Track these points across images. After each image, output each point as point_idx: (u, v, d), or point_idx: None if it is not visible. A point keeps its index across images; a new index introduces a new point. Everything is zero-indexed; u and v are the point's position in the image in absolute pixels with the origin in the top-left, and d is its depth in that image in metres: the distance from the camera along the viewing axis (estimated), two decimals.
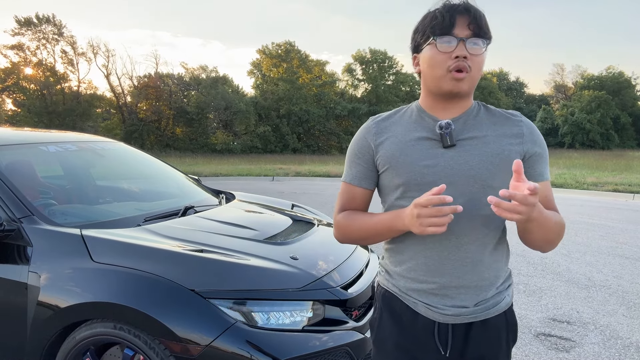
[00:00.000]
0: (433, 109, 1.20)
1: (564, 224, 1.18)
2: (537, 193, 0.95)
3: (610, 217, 7.88)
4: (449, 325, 1.18)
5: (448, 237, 1.15)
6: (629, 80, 48.09)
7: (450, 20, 1.11)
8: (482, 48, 1.12)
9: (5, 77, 32.95)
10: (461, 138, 1.16)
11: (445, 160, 1.15)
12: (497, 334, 1.21)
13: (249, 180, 15.03)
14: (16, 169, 2.50)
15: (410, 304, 1.21)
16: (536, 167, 1.19)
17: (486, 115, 1.21)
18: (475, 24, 1.11)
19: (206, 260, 1.96)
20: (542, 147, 1.20)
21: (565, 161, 22.42)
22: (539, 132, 1.22)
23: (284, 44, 42.11)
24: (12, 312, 2.01)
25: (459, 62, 1.10)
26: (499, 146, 1.16)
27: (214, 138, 36.94)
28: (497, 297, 1.21)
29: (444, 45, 1.11)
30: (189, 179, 3.55)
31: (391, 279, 1.26)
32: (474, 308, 1.18)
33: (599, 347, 3.09)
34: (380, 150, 1.22)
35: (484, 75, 42.14)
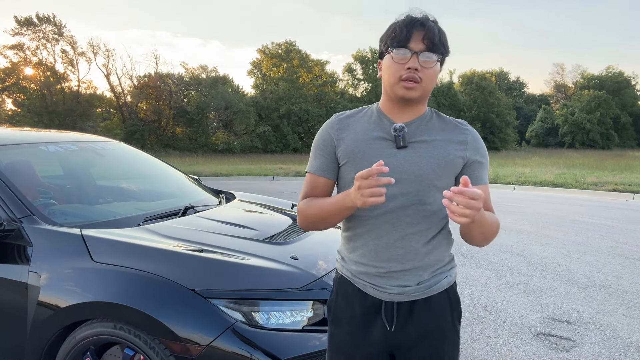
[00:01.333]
0: (390, 112, 1.33)
1: (499, 222, 1.30)
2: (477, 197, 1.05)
3: (610, 216, 7.88)
4: (394, 303, 1.31)
5: (395, 228, 1.28)
6: (628, 80, 48.08)
7: (406, 35, 1.23)
8: (434, 62, 1.24)
9: (5, 77, 32.92)
10: (413, 141, 1.29)
11: (398, 159, 1.28)
12: (440, 309, 1.34)
13: (249, 180, 15.04)
14: (16, 169, 2.50)
15: (360, 286, 1.35)
16: (476, 172, 1.32)
17: (437, 121, 1.34)
18: (428, 39, 1.23)
19: (206, 260, 1.96)
20: (482, 155, 1.34)
21: (565, 161, 22.42)
22: (482, 142, 1.37)
23: (284, 44, 42.09)
24: (12, 312, 2.01)
25: (410, 73, 1.23)
26: (445, 151, 1.29)
27: (214, 138, 36.92)
28: (437, 277, 1.34)
29: (399, 56, 1.24)
30: (189, 178, 3.55)
31: (345, 264, 1.39)
32: (416, 287, 1.31)
33: (599, 346, 3.09)
34: (341, 144, 1.34)
35: (482, 74, 41.77)
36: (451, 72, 48.76)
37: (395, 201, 1.27)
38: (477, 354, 2.99)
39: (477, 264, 4.97)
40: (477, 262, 5.06)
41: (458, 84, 47.66)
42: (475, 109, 45.06)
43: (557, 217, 7.79)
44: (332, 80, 43.06)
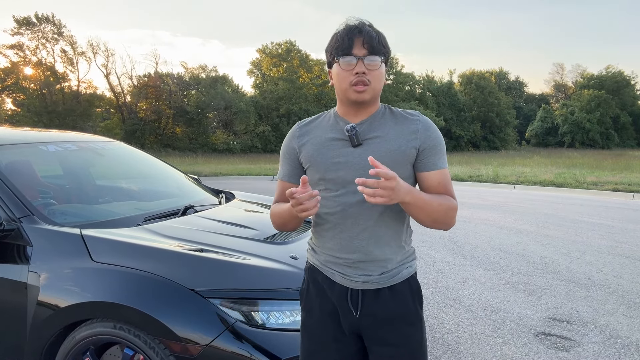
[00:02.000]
0: (346, 115, 1.42)
1: (452, 205, 1.37)
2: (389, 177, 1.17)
3: (610, 216, 7.88)
4: (359, 291, 1.40)
5: (357, 221, 1.37)
6: (628, 80, 48.08)
7: (348, 42, 1.32)
8: (378, 63, 1.33)
9: (5, 77, 32.90)
10: (367, 137, 1.38)
11: (354, 157, 1.37)
12: (403, 297, 1.42)
13: (248, 179, 15.04)
14: (16, 169, 2.49)
15: (328, 274, 1.44)
16: (430, 158, 1.39)
17: (390, 116, 1.42)
18: (368, 44, 1.31)
19: (206, 260, 1.96)
20: (435, 141, 1.39)
21: (565, 160, 22.43)
22: (435, 128, 1.42)
23: (284, 43, 42.08)
24: (12, 311, 2.01)
25: (359, 77, 1.31)
26: (398, 142, 1.37)
27: (214, 138, 36.91)
28: (399, 268, 1.42)
29: (345, 63, 1.32)
30: (188, 178, 3.55)
31: (315, 255, 1.49)
32: (379, 277, 1.39)
33: (598, 346, 3.09)
34: (302, 150, 1.45)
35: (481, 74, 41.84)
36: (451, 72, 48.83)
37: (355, 196, 1.35)
38: (477, 353, 2.99)
39: (476, 264, 4.97)
40: (476, 261, 5.06)
41: (458, 83, 47.67)
42: (475, 109, 45.06)
43: (557, 217, 7.79)
44: None
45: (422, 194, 1.31)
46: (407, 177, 1.38)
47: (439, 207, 1.33)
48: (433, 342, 3.15)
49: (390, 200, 1.20)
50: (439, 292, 4.11)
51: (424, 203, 1.30)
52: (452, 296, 4.02)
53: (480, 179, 14.26)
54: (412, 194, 1.27)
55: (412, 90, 44.24)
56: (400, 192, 1.22)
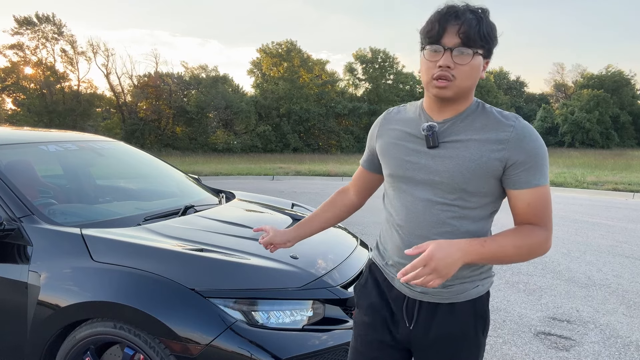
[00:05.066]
0: (430, 109, 1.26)
1: (535, 242, 1.19)
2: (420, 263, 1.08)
3: (610, 216, 7.88)
4: (417, 301, 1.29)
5: (423, 226, 1.25)
6: (627, 79, 48.06)
7: (439, 30, 1.14)
8: (469, 57, 1.14)
9: (5, 77, 32.91)
10: (446, 140, 1.21)
11: (427, 159, 1.23)
12: (464, 319, 1.28)
13: (249, 179, 15.03)
14: (16, 169, 2.49)
15: (388, 277, 1.36)
16: (521, 175, 1.18)
17: (480, 118, 1.21)
18: (464, 33, 1.12)
19: (206, 260, 1.96)
20: (529, 154, 1.17)
21: (565, 160, 22.42)
22: (535, 137, 1.18)
23: (284, 43, 42.06)
24: (12, 311, 2.01)
25: (442, 71, 1.14)
26: (479, 151, 1.18)
27: (214, 137, 36.91)
28: (466, 284, 1.28)
29: (431, 53, 1.16)
30: (189, 178, 3.55)
31: (379, 254, 1.42)
32: (440, 289, 1.26)
33: (598, 346, 3.09)
34: (379, 140, 1.38)
35: None
36: None
37: (422, 200, 1.25)
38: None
39: None
40: None
41: None
42: None
43: (557, 217, 7.78)
44: (333, 79, 43.04)
45: (488, 246, 1.14)
46: (487, 192, 1.21)
47: (516, 251, 1.16)
48: None
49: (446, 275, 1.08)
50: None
51: (493, 255, 1.14)
52: None
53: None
54: (470, 254, 1.11)
55: (412, 90, 44.22)
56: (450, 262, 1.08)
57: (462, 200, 1.21)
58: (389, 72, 43.73)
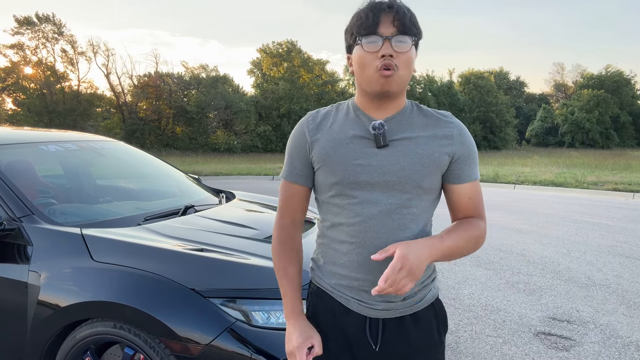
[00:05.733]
0: (367, 108, 1.21)
1: (480, 233, 1.20)
2: (398, 269, 1.02)
3: (610, 216, 7.88)
4: (380, 320, 1.21)
5: (379, 235, 1.16)
6: (627, 79, 48.06)
7: (374, 19, 1.11)
8: (408, 45, 1.12)
9: (5, 77, 32.92)
10: (394, 138, 1.17)
11: (378, 160, 1.16)
12: (428, 325, 1.25)
13: (249, 179, 15.04)
14: (16, 169, 2.50)
15: (342, 300, 1.23)
16: (464, 168, 1.21)
17: (419, 115, 1.22)
18: (399, 21, 1.10)
19: (206, 260, 1.96)
20: (469, 149, 1.22)
21: (565, 160, 22.42)
22: (469, 134, 1.24)
23: (285, 43, 42.06)
24: (12, 311, 2.01)
25: (386, 60, 1.10)
26: (430, 147, 1.17)
27: (214, 137, 36.92)
28: (423, 290, 1.24)
29: (369, 45, 1.11)
30: (189, 178, 3.55)
31: (323, 275, 1.27)
32: (402, 302, 1.21)
33: (598, 346, 3.09)
34: (315, 146, 1.22)
35: (480, 74, 41.44)
36: (451, 72, 48.81)
37: (378, 206, 1.16)
38: (477, 353, 2.99)
39: (477, 263, 4.97)
40: (476, 261, 5.06)
41: (457, 83, 47.67)
42: (475, 109, 45.06)
43: (557, 217, 7.79)
44: (333, 79, 43.05)
45: (446, 242, 1.13)
46: (435, 189, 1.20)
47: (466, 244, 1.18)
48: None
49: (418, 277, 1.05)
50: (439, 292, 4.10)
51: (450, 250, 1.14)
52: (452, 296, 4.02)
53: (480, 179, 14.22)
54: (435, 251, 1.10)
55: (413, 90, 44.21)
56: (421, 262, 1.06)
57: (417, 199, 1.17)
58: None
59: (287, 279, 1.28)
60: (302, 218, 1.33)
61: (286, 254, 1.29)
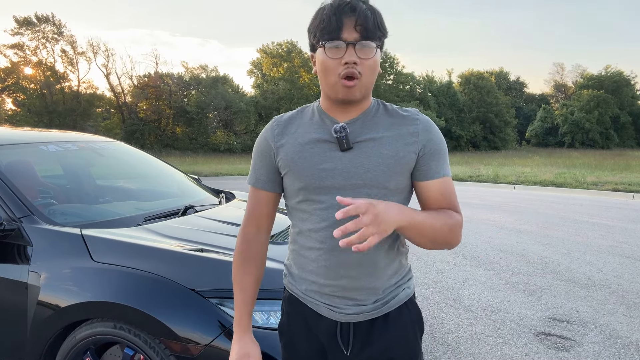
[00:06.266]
0: (332, 111, 1.18)
1: (455, 222, 1.14)
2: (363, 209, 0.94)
3: (610, 216, 7.88)
4: (350, 324, 1.19)
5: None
6: (627, 79, 48.09)
7: (337, 23, 1.06)
8: (372, 50, 1.08)
9: (5, 77, 32.92)
10: (358, 140, 1.14)
11: (343, 163, 1.14)
12: (402, 326, 1.22)
13: None
14: (16, 169, 2.50)
15: (312, 306, 1.22)
16: (431, 164, 1.16)
17: (384, 115, 1.19)
18: (361, 26, 1.06)
19: (206, 260, 1.96)
20: (437, 144, 1.17)
21: (565, 160, 22.43)
22: (437, 129, 1.20)
23: (285, 44, 42.08)
24: (12, 311, 2.01)
25: (349, 68, 1.07)
26: (395, 147, 1.14)
27: (214, 137, 36.93)
28: (395, 291, 1.21)
29: (332, 50, 1.07)
30: (189, 178, 3.55)
31: (294, 282, 1.26)
32: (373, 305, 1.18)
33: (598, 346, 3.09)
34: (280, 152, 1.20)
35: (480, 74, 41.44)
36: (449, 72, 48.84)
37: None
38: (477, 353, 2.99)
39: (476, 264, 4.97)
40: (476, 261, 5.06)
41: (457, 83, 47.70)
42: (474, 109, 45.09)
43: (557, 217, 7.79)
44: None
45: (418, 214, 1.08)
46: (404, 188, 1.17)
47: (441, 227, 1.11)
48: (433, 342, 3.15)
49: (384, 231, 0.97)
50: (439, 292, 4.11)
51: (423, 225, 1.07)
52: (452, 296, 4.02)
53: (480, 179, 14.26)
54: (405, 215, 1.04)
55: (413, 91, 44.23)
56: (389, 216, 0.99)
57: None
58: (389, 72, 43.72)
59: (240, 290, 1.27)
60: (268, 224, 1.30)
61: (244, 265, 1.28)
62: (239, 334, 1.26)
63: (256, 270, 1.29)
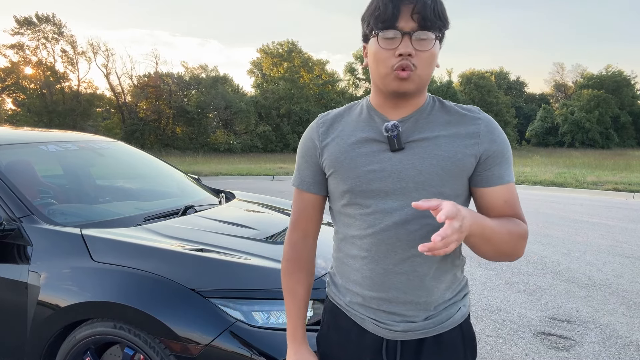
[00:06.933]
0: (383, 107, 1.08)
1: (522, 232, 1.05)
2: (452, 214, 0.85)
3: (610, 216, 7.88)
4: (398, 342, 1.09)
5: (395, 249, 1.05)
6: (627, 79, 48.11)
7: (393, 11, 0.96)
8: (430, 42, 0.98)
9: (5, 77, 32.94)
10: (411, 140, 1.05)
11: (393, 164, 1.04)
12: (453, 350, 1.11)
13: (249, 179, 15.04)
14: (16, 169, 2.50)
15: (357, 319, 1.13)
16: (494, 169, 1.06)
17: (441, 112, 1.08)
18: (420, 14, 0.96)
19: (206, 260, 1.96)
20: (501, 146, 1.06)
21: (565, 160, 22.43)
22: (500, 130, 1.09)
23: (285, 43, 42.08)
24: (12, 311, 2.01)
25: (403, 60, 0.98)
26: (452, 148, 1.04)
27: (214, 137, 36.95)
28: (450, 309, 1.11)
29: (386, 40, 0.98)
30: (189, 178, 3.55)
31: (338, 292, 1.18)
32: (424, 322, 1.08)
33: (598, 346, 3.09)
34: (325, 152, 1.12)
35: (481, 74, 41.40)
36: (449, 72, 48.82)
37: (392, 216, 1.04)
38: (477, 353, 2.99)
39: (476, 263, 4.97)
40: (476, 261, 5.06)
41: (457, 83, 47.70)
42: None
43: (557, 217, 7.79)
44: (333, 80, 43.07)
45: (488, 221, 0.98)
46: (461, 194, 1.07)
47: (508, 237, 1.01)
48: None
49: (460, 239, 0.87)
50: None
51: (492, 232, 0.97)
52: None
53: None
54: (478, 222, 0.94)
55: None
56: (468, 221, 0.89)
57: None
58: None
59: (293, 300, 1.21)
60: (315, 230, 1.23)
61: (294, 274, 1.21)
62: (296, 346, 1.19)
63: (306, 278, 1.22)
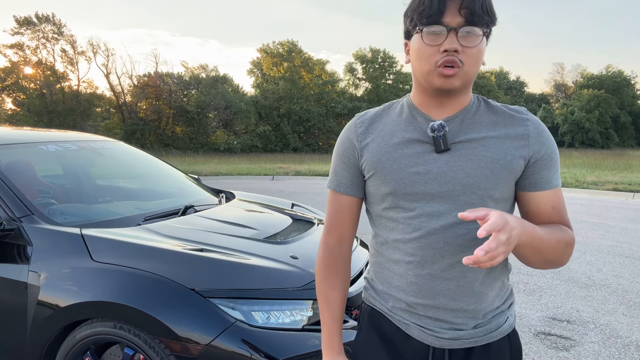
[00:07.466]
0: (425, 106, 1.04)
1: (569, 240, 1.01)
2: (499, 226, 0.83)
3: (610, 216, 7.88)
4: (445, 350, 1.04)
5: (442, 254, 1.01)
6: (628, 79, 48.11)
7: (438, 6, 0.93)
8: (477, 38, 0.95)
9: (5, 77, 32.93)
10: (457, 141, 1.01)
11: (439, 166, 1.00)
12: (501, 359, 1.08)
13: (249, 179, 15.03)
14: (16, 169, 2.50)
15: (401, 325, 1.08)
16: (542, 173, 1.02)
17: (487, 112, 1.04)
18: (467, 9, 0.92)
19: (206, 260, 1.96)
20: (550, 149, 1.03)
21: (565, 160, 22.42)
22: (548, 132, 1.04)
23: (285, 43, 42.07)
24: (12, 311, 2.01)
25: (448, 56, 0.94)
26: (501, 150, 1.00)
27: (214, 137, 36.95)
28: (498, 317, 1.07)
29: (431, 36, 0.95)
30: (188, 178, 3.55)
31: (378, 297, 1.13)
32: (473, 331, 1.04)
33: (598, 346, 3.09)
34: (365, 153, 1.07)
35: (482, 74, 41.35)
36: None
37: (439, 220, 1.00)
38: None
39: None
40: None
41: None
42: None
43: None
44: (333, 80, 43.07)
45: (537, 230, 0.94)
46: (509, 198, 1.03)
47: (556, 245, 0.98)
48: None
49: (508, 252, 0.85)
50: None
51: (541, 242, 0.94)
52: None
53: None
54: (527, 230, 0.91)
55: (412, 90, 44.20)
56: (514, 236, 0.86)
57: None
58: (389, 71, 43.78)
59: (328, 306, 1.16)
60: (351, 234, 1.18)
61: (329, 279, 1.16)
62: (332, 356, 1.14)
63: (342, 284, 1.17)
